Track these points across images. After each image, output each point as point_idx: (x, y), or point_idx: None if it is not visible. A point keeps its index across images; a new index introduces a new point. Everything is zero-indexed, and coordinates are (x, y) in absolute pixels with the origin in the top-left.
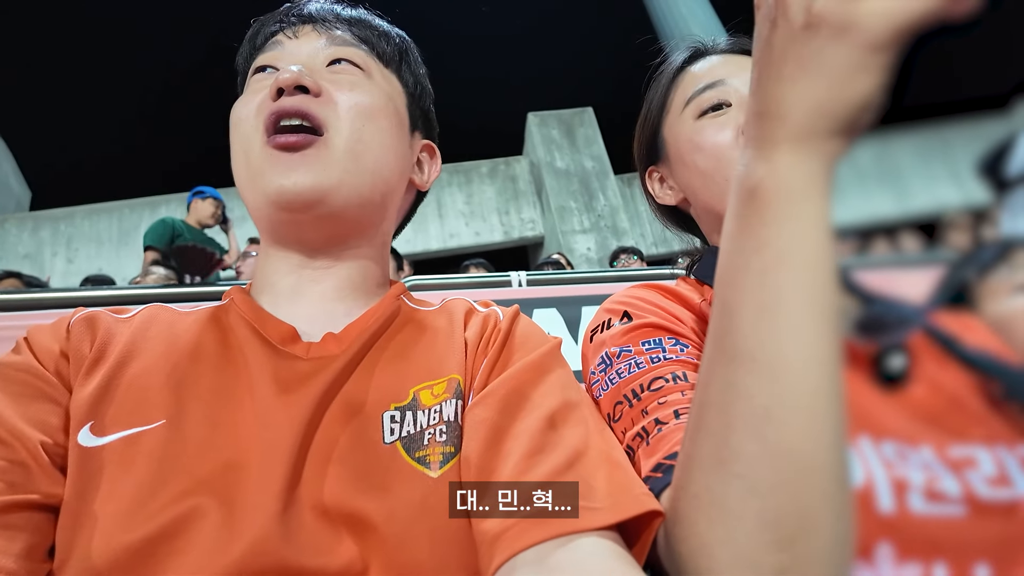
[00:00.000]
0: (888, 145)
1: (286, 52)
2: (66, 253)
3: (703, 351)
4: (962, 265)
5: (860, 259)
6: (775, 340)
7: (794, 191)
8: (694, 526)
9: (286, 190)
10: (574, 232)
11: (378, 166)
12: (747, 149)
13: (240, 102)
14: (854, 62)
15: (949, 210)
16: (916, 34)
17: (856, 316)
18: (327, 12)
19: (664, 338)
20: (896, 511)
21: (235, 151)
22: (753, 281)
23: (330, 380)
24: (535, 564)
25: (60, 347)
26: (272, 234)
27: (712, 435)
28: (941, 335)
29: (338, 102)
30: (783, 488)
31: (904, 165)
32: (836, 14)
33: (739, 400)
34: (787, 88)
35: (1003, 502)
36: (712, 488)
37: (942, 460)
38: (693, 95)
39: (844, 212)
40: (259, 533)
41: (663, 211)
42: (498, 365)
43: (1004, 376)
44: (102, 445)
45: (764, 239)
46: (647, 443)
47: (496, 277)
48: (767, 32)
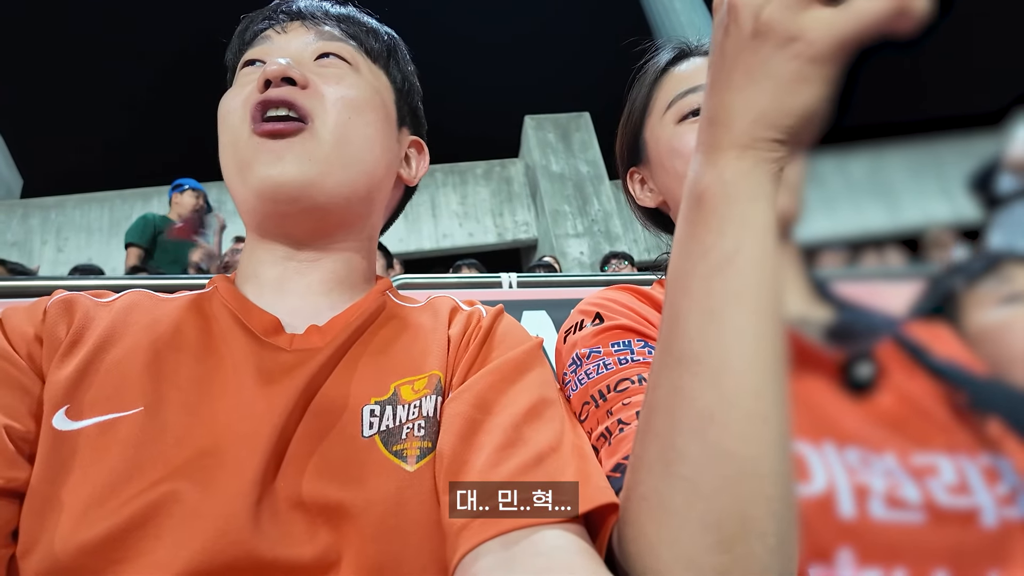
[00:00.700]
0: (881, 160)
1: (275, 46)
2: (56, 242)
3: (654, 354)
4: (949, 275)
5: (844, 271)
6: (719, 344)
7: (739, 197)
8: (642, 527)
9: (272, 180)
10: (567, 236)
11: (364, 158)
12: (696, 155)
13: (228, 95)
14: (798, 72)
15: (936, 225)
16: (859, 48)
17: (827, 323)
18: (316, 8)
19: (633, 340)
20: (857, 517)
21: (223, 143)
22: (699, 285)
23: (312, 373)
24: (498, 554)
25: (35, 330)
26: (258, 226)
27: (659, 437)
28: (910, 344)
29: (324, 94)
30: (725, 490)
31: (896, 180)
32: (782, 24)
33: (684, 403)
34: (735, 95)
35: (962, 510)
36: (658, 490)
37: (904, 467)
38: (675, 99)
39: (836, 224)
40: (230, 523)
41: (644, 212)
42: (477, 362)
43: (970, 386)
44: (77, 429)
45: (709, 244)
46: (609, 443)
47: (486, 278)
48: (720, 38)
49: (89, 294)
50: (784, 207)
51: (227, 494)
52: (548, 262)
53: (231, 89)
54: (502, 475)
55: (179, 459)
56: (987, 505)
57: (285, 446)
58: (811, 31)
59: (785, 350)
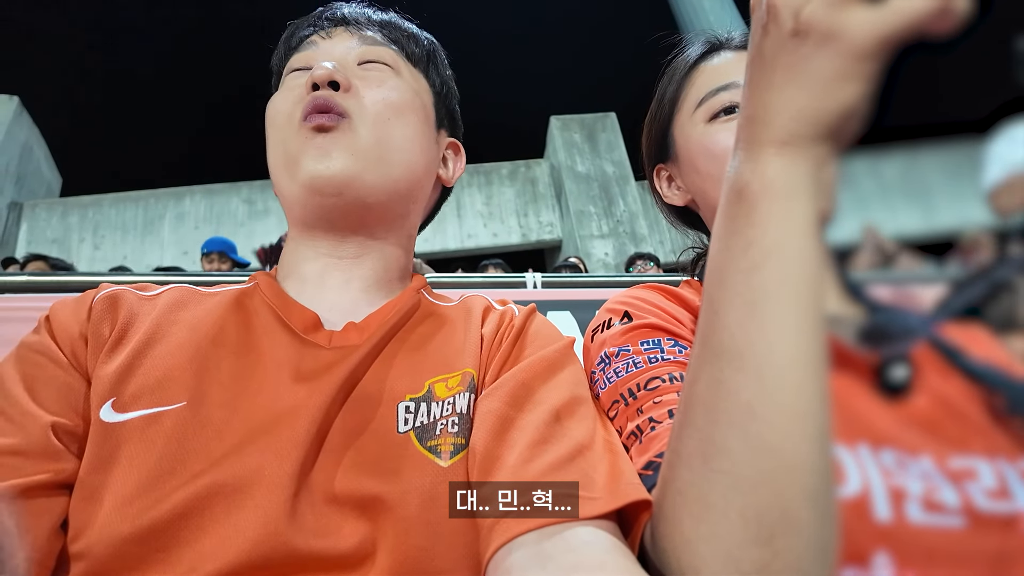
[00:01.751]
0: (916, 160)
1: (320, 51)
2: (93, 239)
3: (692, 349)
4: (993, 273)
5: (878, 273)
6: (760, 337)
7: (780, 193)
8: (679, 522)
9: (319, 173)
10: (592, 237)
11: (404, 157)
12: (736, 152)
13: (277, 98)
14: (839, 70)
15: (973, 228)
16: (900, 46)
17: (860, 325)
18: (359, 15)
19: (663, 339)
20: (893, 520)
21: (271, 142)
22: (739, 280)
23: (350, 370)
24: (530, 549)
25: (80, 329)
26: (303, 221)
27: (697, 431)
28: (946, 347)
29: (366, 96)
30: (765, 485)
31: (932, 181)
32: (823, 22)
33: (724, 397)
34: (775, 95)
35: (1002, 515)
36: (696, 484)
37: (942, 471)
38: (706, 96)
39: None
40: (268, 515)
41: (670, 209)
42: (510, 360)
43: (1008, 390)
44: (123, 421)
45: (750, 239)
46: (640, 442)
47: (511, 278)
48: (759, 38)
49: (133, 287)
50: (820, 206)
51: (265, 487)
52: (574, 262)
53: (279, 92)
54: (534, 472)
55: (219, 452)
56: None
57: (322, 441)
58: (852, 29)
59: (826, 346)
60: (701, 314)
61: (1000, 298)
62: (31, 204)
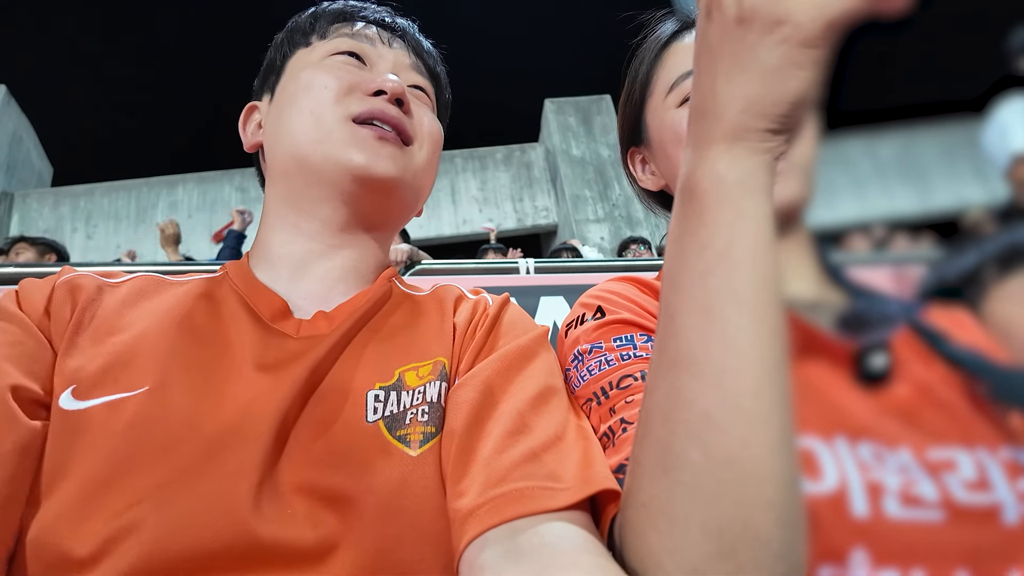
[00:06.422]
0: (912, 141)
1: (376, 52)
2: (85, 229)
3: (651, 357)
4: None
5: (858, 255)
6: (716, 343)
7: (732, 191)
8: (644, 535)
9: (372, 170)
10: (588, 221)
11: (428, 184)
12: (687, 149)
13: (321, 68)
14: (786, 58)
15: (971, 208)
16: (848, 30)
17: (840, 311)
18: (414, 39)
19: (636, 335)
20: (871, 515)
21: (302, 109)
22: (694, 283)
23: (317, 360)
24: (504, 543)
25: (44, 306)
26: (299, 198)
27: (657, 442)
28: (928, 332)
29: (424, 124)
30: (726, 496)
31: (928, 162)
32: (767, 7)
33: (682, 406)
34: (722, 85)
35: (981, 506)
36: (659, 496)
37: (920, 463)
38: (677, 80)
39: (865, 207)
40: (231, 503)
41: (647, 193)
42: (484, 350)
43: (991, 376)
44: (84, 409)
45: (704, 241)
46: (613, 443)
47: (503, 263)
48: (704, 26)
49: (98, 273)
50: (791, 193)
51: (229, 477)
52: (573, 245)
53: (323, 65)
54: (509, 461)
55: (183, 440)
56: (1008, 501)
57: (288, 431)
58: (797, 14)
59: (786, 348)
60: (658, 319)
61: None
62: (22, 194)
